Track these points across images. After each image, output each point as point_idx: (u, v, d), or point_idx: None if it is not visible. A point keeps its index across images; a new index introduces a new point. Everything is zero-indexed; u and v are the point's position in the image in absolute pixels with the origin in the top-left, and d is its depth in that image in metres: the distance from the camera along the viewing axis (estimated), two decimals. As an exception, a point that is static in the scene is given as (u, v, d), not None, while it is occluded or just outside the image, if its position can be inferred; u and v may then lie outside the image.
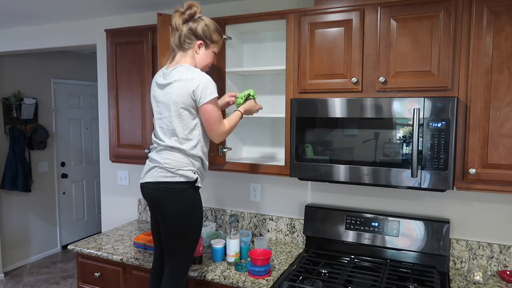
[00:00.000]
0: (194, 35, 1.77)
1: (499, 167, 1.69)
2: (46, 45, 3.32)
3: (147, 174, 1.79)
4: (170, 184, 1.72)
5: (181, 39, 1.78)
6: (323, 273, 1.95)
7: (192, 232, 1.78)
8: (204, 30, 1.77)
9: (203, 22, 1.78)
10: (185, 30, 1.76)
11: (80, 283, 2.39)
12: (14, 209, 4.54)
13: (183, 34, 1.77)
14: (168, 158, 1.74)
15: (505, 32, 1.64)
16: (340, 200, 2.35)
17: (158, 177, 1.73)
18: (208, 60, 1.86)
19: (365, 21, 1.87)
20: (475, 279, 1.89)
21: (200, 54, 1.81)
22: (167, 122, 1.75)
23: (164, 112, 1.76)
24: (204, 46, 1.80)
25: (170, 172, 1.72)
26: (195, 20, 1.77)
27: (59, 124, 5.02)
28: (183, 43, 1.78)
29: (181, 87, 1.70)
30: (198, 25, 1.77)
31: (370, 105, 1.82)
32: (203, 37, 1.78)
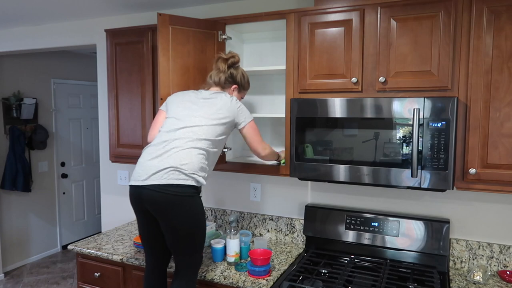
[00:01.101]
0: (233, 80, 2.03)
1: (499, 167, 1.69)
2: (46, 45, 3.32)
3: (152, 176, 1.70)
4: (181, 187, 1.69)
5: (222, 80, 2.02)
6: (323, 273, 1.95)
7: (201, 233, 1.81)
8: (241, 78, 2.06)
9: (241, 71, 2.07)
10: (228, 74, 2.02)
11: (80, 283, 2.39)
12: (14, 209, 4.54)
13: (225, 77, 2.02)
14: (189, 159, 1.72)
15: (505, 32, 1.64)
16: (340, 200, 2.35)
17: (170, 180, 1.68)
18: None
19: (365, 21, 1.87)
20: (475, 279, 1.89)
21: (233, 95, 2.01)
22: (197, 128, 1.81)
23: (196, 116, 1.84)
24: (237, 90, 2.06)
25: (184, 175, 1.70)
26: (235, 68, 2.05)
27: (59, 124, 5.02)
28: (224, 83, 2.02)
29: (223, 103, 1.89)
30: (238, 73, 2.05)
31: (370, 105, 1.82)
32: (239, 83, 2.05)
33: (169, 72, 2.09)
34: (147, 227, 1.83)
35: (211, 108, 1.87)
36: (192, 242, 1.78)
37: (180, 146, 1.75)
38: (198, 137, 1.79)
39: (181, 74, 2.13)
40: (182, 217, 1.71)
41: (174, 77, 2.11)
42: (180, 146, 1.75)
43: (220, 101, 1.90)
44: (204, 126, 1.82)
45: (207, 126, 1.83)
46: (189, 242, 1.77)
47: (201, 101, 1.91)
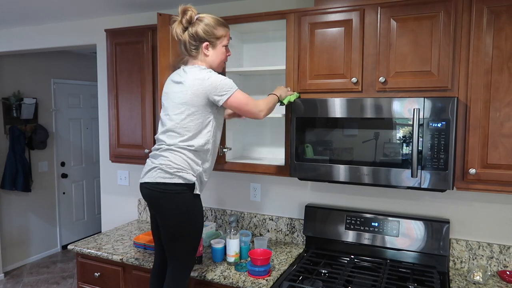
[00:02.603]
0: (198, 40, 1.75)
1: (499, 167, 1.69)
2: (46, 45, 3.32)
3: (146, 174, 1.77)
4: (168, 185, 1.70)
5: (187, 47, 1.77)
6: (323, 273, 1.95)
7: (192, 233, 1.77)
8: (205, 31, 1.74)
9: (202, 23, 1.75)
10: (187, 38, 1.75)
11: (80, 283, 2.39)
12: (14, 209, 4.54)
13: (187, 42, 1.76)
14: (169, 159, 1.71)
15: (505, 32, 1.64)
16: (340, 200, 2.35)
17: (157, 178, 1.71)
18: (221, 57, 1.83)
19: (365, 21, 1.87)
20: (475, 279, 1.89)
21: (210, 55, 1.79)
22: (174, 121, 1.73)
23: (173, 110, 1.74)
24: (211, 45, 1.78)
25: (169, 174, 1.71)
26: (193, 24, 1.75)
27: (59, 124, 5.02)
28: (190, 51, 1.77)
29: (195, 86, 1.69)
30: (198, 27, 1.74)
31: (370, 105, 1.82)
32: (206, 38, 1.75)
33: (169, 72, 2.08)
34: (153, 222, 1.88)
35: (181, 96, 1.71)
36: (182, 242, 1.75)
37: (163, 145, 1.75)
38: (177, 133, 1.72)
39: (181, 74, 2.12)
40: (172, 214, 1.71)
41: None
42: (164, 145, 1.75)
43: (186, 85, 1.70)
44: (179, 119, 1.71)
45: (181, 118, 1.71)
46: (179, 242, 1.74)
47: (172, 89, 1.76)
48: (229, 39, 1.85)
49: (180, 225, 1.73)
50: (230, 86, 1.72)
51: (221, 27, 1.79)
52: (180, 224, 1.73)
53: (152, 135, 2.45)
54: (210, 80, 1.69)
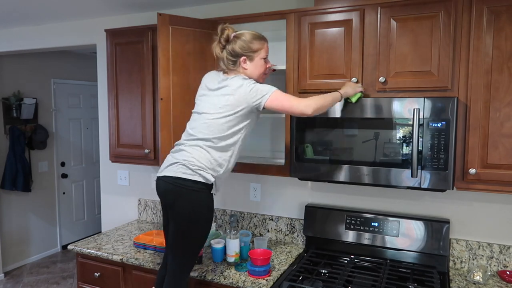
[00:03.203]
0: (235, 56, 1.82)
1: (499, 167, 1.69)
2: (46, 45, 3.32)
3: (167, 168, 1.79)
4: (187, 181, 1.73)
5: (225, 63, 1.84)
6: (323, 273, 1.95)
7: (200, 232, 1.79)
8: (241, 46, 1.80)
9: (239, 39, 1.81)
10: (225, 55, 1.83)
11: (80, 283, 2.39)
12: (14, 209, 4.54)
13: (225, 59, 1.83)
14: (193, 156, 1.75)
15: (505, 32, 1.64)
16: (340, 200, 2.35)
17: (178, 173, 1.74)
18: (260, 69, 1.86)
19: (365, 21, 1.87)
20: (475, 279, 1.89)
21: (248, 68, 1.84)
22: (209, 122, 1.77)
23: (208, 111, 1.79)
24: (248, 59, 1.83)
25: (191, 170, 1.74)
26: (230, 41, 1.82)
27: (59, 124, 5.02)
28: (228, 65, 1.84)
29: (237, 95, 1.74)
30: (235, 45, 1.81)
31: (370, 105, 1.82)
32: (243, 53, 1.81)
33: (169, 72, 2.09)
34: (164, 220, 1.91)
35: (220, 99, 1.78)
36: (190, 239, 1.76)
37: (190, 142, 1.80)
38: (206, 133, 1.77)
39: (181, 74, 2.13)
40: (184, 209, 1.73)
41: (174, 77, 2.11)
42: (190, 142, 1.79)
43: (229, 89, 1.77)
44: (212, 121, 1.77)
45: (215, 120, 1.76)
46: (187, 239, 1.76)
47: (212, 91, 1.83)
48: (267, 52, 1.88)
49: (191, 222, 1.75)
50: (269, 88, 1.76)
51: (257, 41, 1.83)
52: (192, 221, 1.75)
53: (152, 135, 2.45)
54: (251, 86, 1.75)
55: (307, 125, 1.96)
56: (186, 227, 1.75)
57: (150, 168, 2.92)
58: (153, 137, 2.45)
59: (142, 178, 2.97)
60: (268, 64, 1.90)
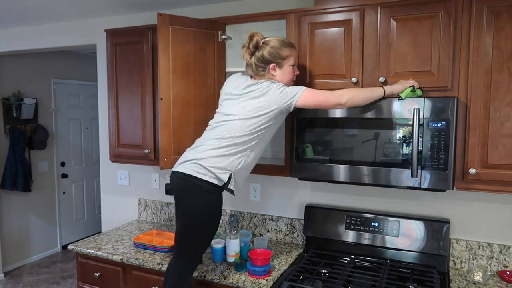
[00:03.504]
0: (264, 62, 1.82)
1: (499, 167, 1.69)
2: (46, 45, 3.32)
3: (181, 164, 1.80)
4: (198, 180, 1.73)
5: (254, 69, 1.85)
6: (323, 273, 1.95)
7: (207, 232, 1.79)
8: (270, 53, 1.81)
9: (268, 46, 1.82)
10: (254, 61, 1.83)
11: (80, 283, 2.39)
12: (14, 209, 4.54)
13: (254, 65, 1.84)
14: (211, 156, 1.75)
15: (505, 32, 1.64)
16: (340, 200, 2.35)
17: (190, 171, 1.74)
18: (289, 76, 1.88)
19: (365, 21, 1.87)
20: (475, 279, 1.89)
21: (278, 75, 1.85)
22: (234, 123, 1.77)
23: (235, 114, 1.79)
24: (278, 66, 1.84)
25: (205, 169, 1.74)
26: (260, 48, 1.83)
27: (59, 124, 5.02)
28: (258, 72, 1.85)
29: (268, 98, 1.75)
30: (264, 51, 1.81)
31: (370, 105, 1.82)
32: (272, 60, 1.82)
33: (169, 72, 2.09)
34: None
35: (249, 102, 1.78)
36: (196, 238, 1.77)
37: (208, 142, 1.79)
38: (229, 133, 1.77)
39: (181, 74, 2.13)
40: (194, 209, 1.74)
41: (174, 77, 2.11)
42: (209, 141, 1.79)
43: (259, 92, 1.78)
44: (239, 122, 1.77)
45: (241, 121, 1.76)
46: (193, 237, 1.77)
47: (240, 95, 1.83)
48: (296, 58, 1.90)
49: (197, 221, 1.75)
50: (299, 88, 1.78)
51: (286, 48, 1.84)
52: (198, 220, 1.75)
53: (152, 135, 2.45)
54: (280, 88, 1.77)
55: (307, 125, 1.96)
56: (192, 226, 1.75)
57: (150, 168, 2.92)
58: (153, 137, 2.45)
59: (142, 178, 2.97)
60: (296, 71, 1.92)
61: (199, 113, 2.19)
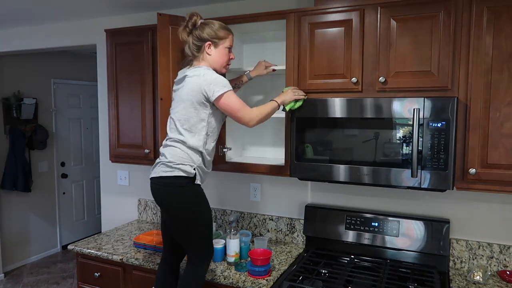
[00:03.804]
0: (201, 40, 1.85)
1: (499, 167, 1.69)
2: (46, 45, 3.32)
3: (153, 170, 1.85)
4: (169, 178, 1.75)
5: (191, 48, 1.87)
6: (323, 273, 1.95)
7: (201, 223, 1.79)
8: (208, 32, 1.84)
9: (207, 25, 1.86)
10: (192, 39, 1.86)
11: (80, 283, 2.39)
12: (14, 209, 4.54)
13: (191, 43, 1.87)
14: (170, 153, 1.79)
15: (505, 32, 1.64)
16: (340, 200, 2.35)
17: (160, 173, 1.78)
18: (224, 58, 1.90)
19: (365, 21, 1.87)
20: (475, 279, 1.89)
21: (212, 54, 1.86)
22: (175, 116, 1.82)
23: (176, 106, 1.83)
24: (213, 45, 1.86)
25: (169, 167, 1.76)
26: (197, 27, 1.86)
27: (59, 124, 5.02)
28: (194, 51, 1.87)
29: (192, 82, 1.77)
30: (203, 30, 1.85)
31: (370, 105, 1.82)
32: (209, 38, 1.84)
33: (169, 72, 2.09)
34: (162, 218, 1.94)
35: (182, 91, 1.80)
36: (194, 233, 1.78)
37: (165, 142, 1.86)
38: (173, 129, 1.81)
39: (181, 74, 2.12)
40: (177, 207, 1.77)
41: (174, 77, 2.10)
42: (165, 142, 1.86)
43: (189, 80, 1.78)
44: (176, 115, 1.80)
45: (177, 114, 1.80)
46: (191, 233, 1.78)
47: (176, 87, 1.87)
48: (232, 42, 1.92)
49: (187, 217, 1.76)
50: (223, 85, 1.76)
51: (223, 30, 1.88)
52: (187, 215, 1.76)
53: (152, 135, 2.45)
54: (206, 76, 1.76)
55: (307, 125, 1.96)
56: (184, 222, 1.76)
57: (150, 168, 2.91)
58: (153, 137, 2.45)
59: (142, 178, 2.97)
60: (232, 56, 1.93)
61: (199, 113, 2.19)
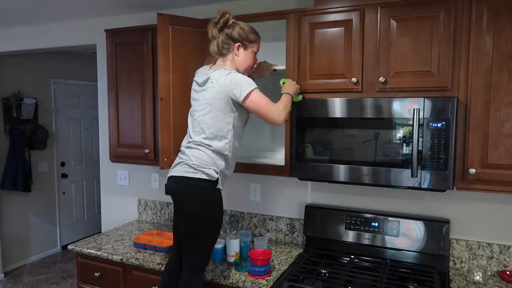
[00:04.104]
0: (232, 39, 1.84)
1: (499, 167, 1.69)
2: (46, 45, 3.32)
3: (173, 168, 1.83)
4: (191, 180, 1.75)
5: (219, 45, 1.85)
6: (323, 273, 1.95)
7: (211, 229, 1.79)
8: (240, 33, 1.84)
9: (238, 26, 1.85)
10: (222, 37, 1.84)
11: (80, 283, 2.39)
12: (14, 209, 4.54)
13: (220, 41, 1.84)
14: (194, 155, 1.78)
15: (505, 32, 1.64)
16: (340, 200, 2.35)
17: (182, 172, 1.77)
18: (249, 61, 1.90)
19: (365, 21, 1.87)
20: (475, 279, 1.89)
21: (240, 56, 1.86)
22: (199, 119, 1.81)
23: (200, 108, 1.81)
24: (243, 47, 1.86)
25: (193, 169, 1.76)
26: (229, 26, 1.85)
27: (59, 124, 5.02)
28: (222, 49, 1.85)
29: (218, 86, 1.76)
30: (234, 30, 1.84)
31: (370, 105, 1.82)
32: (240, 39, 1.84)
33: (169, 72, 2.09)
34: (174, 218, 1.92)
35: (206, 94, 1.79)
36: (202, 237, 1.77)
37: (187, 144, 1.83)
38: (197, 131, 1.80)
39: (181, 74, 2.13)
40: (193, 207, 1.75)
41: (174, 77, 2.11)
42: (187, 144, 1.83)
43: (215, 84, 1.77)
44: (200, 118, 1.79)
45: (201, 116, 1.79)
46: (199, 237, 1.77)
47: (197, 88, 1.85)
48: (259, 48, 1.93)
49: (201, 220, 1.75)
50: (249, 84, 1.76)
51: (254, 34, 1.89)
52: (202, 218, 1.76)
53: (152, 135, 2.45)
54: (231, 76, 1.75)
55: (307, 125, 1.96)
56: (197, 225, 1.76)
57: (150, 168, 2.92)
58: (153, 137, 2.45)
59: (142, 178, 2.97)
60: (256, 60, 1.94)
61: (199, 113, 2.19)
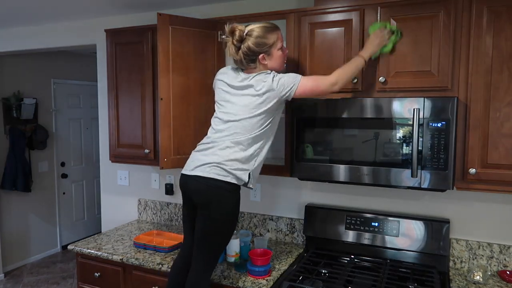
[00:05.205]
0: (252, 54, 1.77)
1: (499, 167, 1.69)
2: (46, 45, 3.32)
3: (198, 168, 1.76)
4: (220, 182, 1.73)
5: (244, 63, 1.80)
6: (323, 273, 1.95)
7: (227, 232, 1.79)
8: (257, 44, 1.75)
9: (252, 37, 1.76)
10: (242, 55, 1.78)
11: (80, 283, 2.39)
12: (14, 209, 4.54)
13: (243, 59, 1.78)
14: (227, 156, 1.74)
15: (505, 32, 1.64)
16: (340, 200, 2.35)
17: (211, 174, 1.73)
18: (280, 60, 1.85)
19: (365, 21, 1.87)
20: (475, 279, 1.89)
21: (268, 63, 1.81)
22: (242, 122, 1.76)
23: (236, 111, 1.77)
24: (266, 55, 1.79)
25: (225, 171, 1.73)
26: (244, 40, 1.76)
27: (59, 124, 5.02)
28: (249, 65, 1.80)
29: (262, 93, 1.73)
30: (249, 42, 1.75)
31: (370, 105, 1.82)
32: (260, 51, 1.77)
33: (169, 72, 2.09)
34: (187, 212, 1.89)
35: (248, 99, 1.76)
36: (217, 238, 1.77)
37: (223, 143, 1.77)
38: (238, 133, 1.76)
39: (181, 74, 2.13)
40: (219, 210, 1.74)
41: (174, 77, 2.11)
42: (223, 143, 1.77)
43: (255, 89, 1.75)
44: (245, 120, 1.75)
45: (246, 119, 1.75)
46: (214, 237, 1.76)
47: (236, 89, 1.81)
48: (282, 40, 1.84)
49: (223, 222, 1.75)
50: (294, 78, 1.75)
51: (270, 34, 1.78)
52: (224, 221, 1.76)
53: (152, 135, 2.45)
54: (276, 80, 1.73)
55: (307, 125, 1.96)
56: (219, 227, 1.76)
57: (150, 168, 2.92)
58: (153, 137, 2.45)
59: (142, 178, 2.97)
60: (286, 51, 1.88)
61: (199, 113, 2.20)
